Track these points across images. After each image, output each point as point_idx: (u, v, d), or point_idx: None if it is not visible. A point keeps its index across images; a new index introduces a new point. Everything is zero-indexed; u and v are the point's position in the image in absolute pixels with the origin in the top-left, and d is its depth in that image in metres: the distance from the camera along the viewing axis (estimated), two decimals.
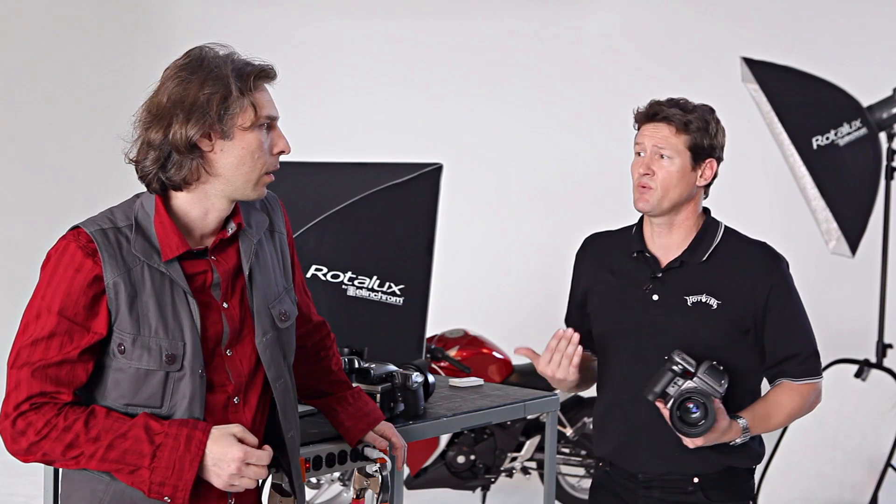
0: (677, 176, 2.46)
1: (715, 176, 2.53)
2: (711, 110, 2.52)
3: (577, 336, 2.41)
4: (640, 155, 2.50)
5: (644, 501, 2.53)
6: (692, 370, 2.37)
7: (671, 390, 2.38)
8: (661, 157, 2.46)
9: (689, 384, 2.37)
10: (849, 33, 7.05)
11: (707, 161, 2.50)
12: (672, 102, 2.50)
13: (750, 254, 2.51)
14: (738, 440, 2.43)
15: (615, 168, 7.25)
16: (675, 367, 2.38)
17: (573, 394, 4.89)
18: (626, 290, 2.54)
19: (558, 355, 2.41)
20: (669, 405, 2.37)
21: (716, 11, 7.42)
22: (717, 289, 2.47)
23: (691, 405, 2.34)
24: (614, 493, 2.59)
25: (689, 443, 2.38)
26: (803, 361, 2.48)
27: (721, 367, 2.40)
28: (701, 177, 2.50)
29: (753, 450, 2.53)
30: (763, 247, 2.53)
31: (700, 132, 2.47)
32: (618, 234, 2.65)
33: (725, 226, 2.57)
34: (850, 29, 7.07)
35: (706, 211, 2.59)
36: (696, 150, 2.47)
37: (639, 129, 2.53)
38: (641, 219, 2.61)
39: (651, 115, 2.49)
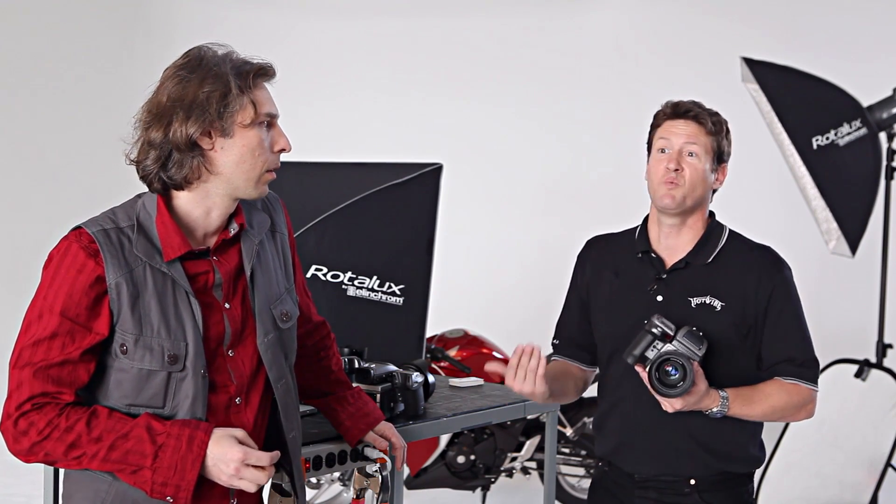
0: (703, 175, 2.46)
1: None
2: (725, 119, 2.53)
3: (538, 349, 2.40)
4: (663, 151, 2.48)
5: (640, 501, 2.53)
6: (671, 333, 2.37)
7: (650, 354, 2.38)
8: (690, 154, 2.45)
9: (668, 347, 2.37)
10: (849, 33, 7.05)
11: (722, 166, 2.51)
12: (695, 104, 2.49)
13: (754, 257, 2.50)
14: (715, 409, 2.40)
15: (616, 168, 7.26)
16: (654, 330, 2.37)
17: None
18: (630, 291, 2.54)
19: (521, 371, 2.39)
20: (648, 367, 2.37)
21: (717, 11, 7.43)
22: (721, 291, 2.46)
23: (670, 367, 2.34)
24: (612, 492, 2.60)
25: (667, 405, 2.37)
26: (798, 366, 2.46)
27: (700, 333, 2.39)
28: (716, 181, 2.51)
29: (751, 455, 2.53)
30: (767, 251, 2.52)
31: (721, 136, 2.48)
32: (620, 235, 2.65)
33: (730, 229, 2.56)
34: (850, 29, 7.07)
35: (711, 214, 2.58)
36: (717, 152, 2.48)
37: (659, 126, 2.51)
38: (646, 220, 2.60)
39: (682, 111, 2.47)
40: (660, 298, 2.49)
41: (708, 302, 2.46)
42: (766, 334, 2.47)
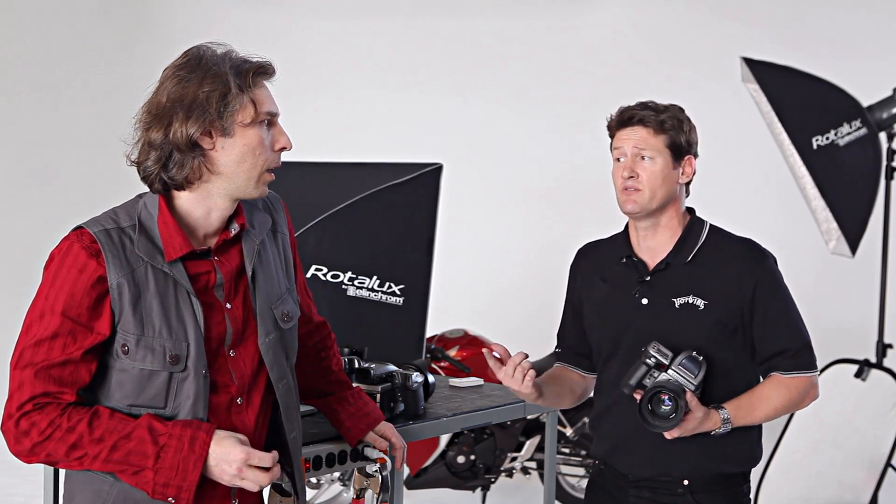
0: (661, 175, 2.47)
1: (694, 173, 2.54)
2: (682, 109, 2.53)
3: (527, 362, 2.42)
4: (619, 160, 2.52)
5: (634, 501, 2.54)
6: (666, 363, 2.38)
7: (648, 382, 2.39)
8: (643, 158, 2.48)
9: (662, 377, 2.37)
10: (849, 33, 7.05)
11: (686, 158, 2.51)
12: (643, 105, 2.51)
13: (734, 251, 2.50)
14: (720, 430, 2.42)
15: None
16: (648, 360, 2.39)
17: None
18: (617, 296, 2.55)
19: (511, 366, 2.42)
20: (639, 402, 2.37)
21: (718, 11, 7.43)
22: (703, 289, 2.47)
23: (665, 397, 2.35)
24: (608, 492, 2.61)
25: (666, 434, 2.39)
26: (794, 356, 2.47)
27: (700, 358, 2.40)
28: (682, 174, 2.52)
29: (747, 454, 2.53)
30: (747, 243, 2.53)
31: (675, 130, 2.48)
32: (608, 241, 2.67)
33: (711, 224, 2.57)
34: (850, 29, 7.07)
35: (691, 211, 2.59)
36: (674, 148, 2.48)
37: (613, 136, 2.54)
38: (628, 224, 2.61)
39: (625, 119, 2.51)
40: (644, 301, 2.50)
41: (691, 301, 2.47)
42: (756, 328, 2.47)
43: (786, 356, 2.47)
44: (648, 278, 2.51)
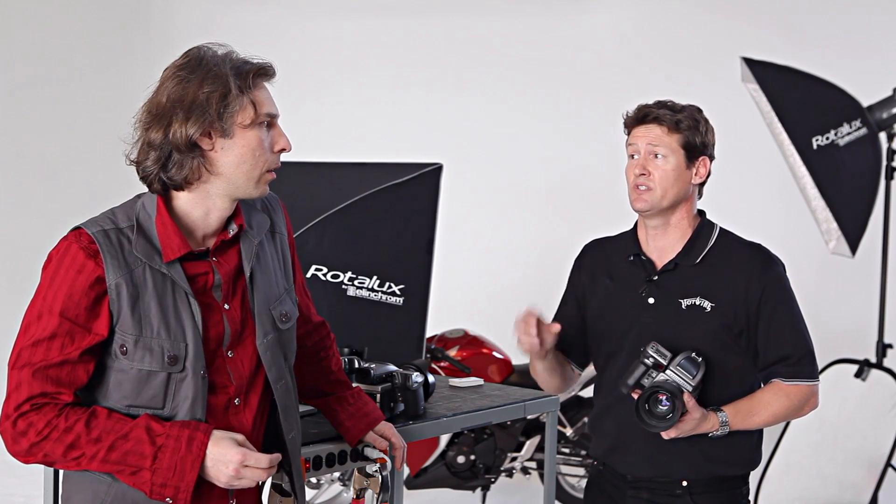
0: (674, 174, 2.47)
1: (708, 174, 2.53)
2: (699, 110, 2.53)
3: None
4: (633, 157, 2.52)
5: (632, 501, 2.54)
6: (664, 363, 2.38)
7: (646, 382, 2.39)
8: (656, 156, 2.48)
9: (660, 377, 2.38)
10: (849, 33, 7.05)
11: (700, 159, 2.51)
12: (660, 104, 2.51)
13: (743, 256, 2.50)
14: (718, 432, 2.43)
15: (616, 168, 7.24)
16: (646, 361, 2.39)
17: (573, 393, 4.89)
18: (623, 294, 2.55)
19: (525, 324, 2.44)
20: (636, 402, 2.38)
21: (719, 11, 7.43)
22: (711, 291, 2.47)
23: (663, 397, 2.35)
24: (606, 492, 2.61)
25: (663, 433, 2.39)
26: (795, 363, 2.47)
27: (700, 359, 2.40)
28: (696, 175, 2.51)
29: (747, 457, 2.53)
30: (757, 248, 2.52)
31: (691, 130, 2.48)
32: (616, 238, 2.66)
33: (721, 227, 2.57)
34: (850, 29, 7.07)
35: (701, 213, 2.59)
36: (689, 148, 2.48)
37: (629, 132, 2.54)
38: (637, 222, 2.61)
39: (641, 117, 2.51)
40: (651, 301, 2.50)
41: (697, 303, 2.47)
42: (760, 333, 2.47)
43: (787, 363, 2.46)
44: (656, 278, 2.51)
